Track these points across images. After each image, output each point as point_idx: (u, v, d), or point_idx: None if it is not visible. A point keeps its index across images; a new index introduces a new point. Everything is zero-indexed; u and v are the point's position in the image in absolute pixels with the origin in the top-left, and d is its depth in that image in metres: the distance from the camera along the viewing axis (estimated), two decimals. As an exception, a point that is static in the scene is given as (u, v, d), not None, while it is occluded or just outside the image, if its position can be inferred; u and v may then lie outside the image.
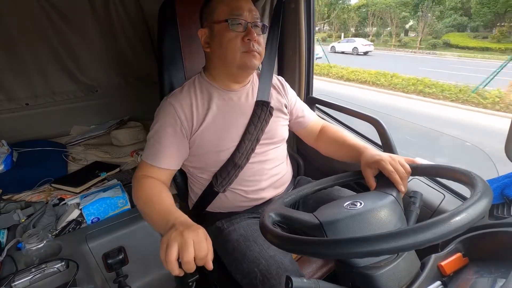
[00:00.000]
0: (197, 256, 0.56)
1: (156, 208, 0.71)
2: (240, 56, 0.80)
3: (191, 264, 0.55)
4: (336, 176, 0.77)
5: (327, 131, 1.01)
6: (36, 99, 1.65)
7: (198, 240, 0.57)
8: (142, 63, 1.87)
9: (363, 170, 0.76)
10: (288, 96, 1.00)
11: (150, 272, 1.19)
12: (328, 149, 0.99)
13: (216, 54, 0.83)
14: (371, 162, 0.74)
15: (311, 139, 1.06)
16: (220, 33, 0.80)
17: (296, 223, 0.58)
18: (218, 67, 0.86)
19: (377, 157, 0.73)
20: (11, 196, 1.17)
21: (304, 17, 1.23)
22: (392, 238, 0.40)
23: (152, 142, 0.82)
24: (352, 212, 0.56)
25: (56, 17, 1.56)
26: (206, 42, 0.85)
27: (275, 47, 1.04)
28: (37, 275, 0.87)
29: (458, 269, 0.55)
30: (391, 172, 0.68)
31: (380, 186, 0.69)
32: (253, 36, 0.79)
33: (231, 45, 0.79)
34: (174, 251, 0.55)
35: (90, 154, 1.57)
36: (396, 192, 0.64)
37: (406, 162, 0.71)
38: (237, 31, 0.79)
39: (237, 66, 0.82)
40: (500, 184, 0.68)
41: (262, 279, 0.69)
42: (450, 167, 0.62)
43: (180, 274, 0.56)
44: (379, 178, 0.72)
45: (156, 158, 0.80)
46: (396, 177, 0.67)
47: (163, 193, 0.75)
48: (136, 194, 0.77)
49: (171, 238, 0.56)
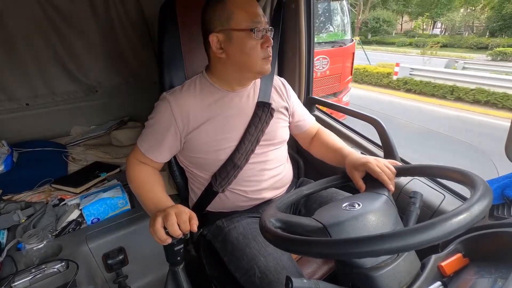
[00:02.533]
0: (179, 220, 0.66)
1: (149, 195, 0.81)
2: (261, 62, 0.81)
3: (174, 226, 0.65)
4: (325, 180, 0.80)
5: (320, 135, 1.04)
6: (36, 99, 1.65)
7: (178, 210, 0.68)
8: (142, 63, 1.87)
9: (350, 173, 0.80)
10: (290, 99, 1.00)
11: (150, 272, 1.19)
12: (318, 152, 1.03)
13: (234, 60, 0.81)
14: (358, 165, 0.77)
15: (305, 142, 1.09)
16: (242, 41, 0.78)
17: (297, 228, 0.59)
18: (231, 72, 0.85)
19: (363, 159, 0.77)
20: (11, 197, 1.17)
21: (304, 17, 1.23)
22: (393, 238, 0.40)
23: (147, 133, 0.86)
24: (354, 213, 0.56)
25: (56, 17, 1.56)
26: (219, 47, 0.81)
27: (276, 48, 1.05)
28: (37, 276, 0.87)
29: (458, 269, 0.55)
30: (380, 173, 0.72)
31: (370, 187, 0.72)
32: (270, 42, 0.80)
33: (253, 52, 0.79)
34: (159, 220, 0.66)
35: (90, 155, 1.57)
36: (387, 192, 0.67)
37: (389, 164, 0.75)
38: (258, 39, 0.79)
39: (256, 72, 0.83)
40: (500, 184, 0.68)
41: (261, 276, 0.70)
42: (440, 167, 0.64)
43: (168, 241, 0.67)
44: (367, 180, 0.75)
45: (150, 151, 0.86)
46: (384, 178, 0.71)
47: (155, 181, 0.85)
48: (130, 176, 0.86)
49: (156, 214, 0.68)
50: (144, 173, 0.86)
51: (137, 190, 0.84)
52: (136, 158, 0.88)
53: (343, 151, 0.90)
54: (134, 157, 0.88)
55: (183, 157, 0.93)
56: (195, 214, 0.70)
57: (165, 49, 0.98)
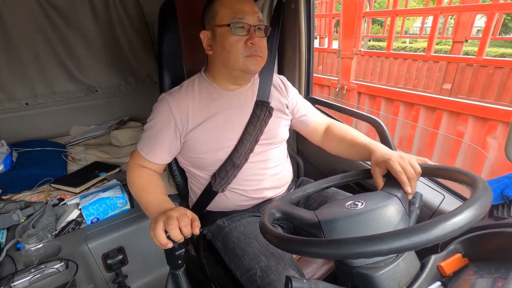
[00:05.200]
0: (180, 224, 0.64)
1: (149, 197, 0.80)
2: (243, 60, 0.79)
3: (176, 231, 0.63)
4: (343, 175, 0.75)
5: (334, 129, 0.98)
6: (36, 99, 1.65)
7: (180, 213, 0.66)
8: (142, 63, 1.87)
9: (372, 169, 0.74)
10: (290, 96, 1.00)
11: (150, 272, 1.19)
12: (336, 148, 0.97)
13: (219, 57, 0.83)
14: (380, 161, 0.71)
15: (316, 138, 1.03)
16: (223, 37, 0.79)
17: (296, 220, 0.59)
18: (220, 70, 0.86)
19: (386, 156, 0.71)
20: (11, 196, 1.17)
21: (304, 17, 1.23)
22: (392, 239, 0.40)
23: (147, 136, 0.86)
24: (352, 212, 0.55)
25: (56, 17, 1.56)
26: (208, 44, 0.84)
27: (275, 47, 1.04)
28: (37, 276, 0.87)
29: (458, 269, 0.55)
30: (399, 172, 0.65)
31: (386, 186, 0.67)
32: (256, 40, 0.78)
33: (233, 49, 0.78)
34: (160, 224, 0.64)
35: (89, 154, 1.57)
36: (402, 193, 0.61)
37: (417, 162, 0.68)
38: (239, 35, 0.78)
39: (239, 69, 0.82)
40: (500, 184, 0.68)
41: (262, 275, 0.70)
42: (441, 167, 0.63)
43: (169, 245, 0.65)
44: (387, 178, 0.69)
45: (149, 153, 0.85)
46: (403, 177, 0.64)
47: (156, 183, 0.84)
48: (130, 181, 0.85)
49: (157, 217, 0.67)
50: (145, 176, 0.85)
51: (138, 193, 0.83)
52: (136, 162, 0.87)
53: (369, 146, 0.82)
54: (135, 162, 0.88)
55: (183, 157, 0.93)
56: (197, 216, 0.69)
57: (165, 49, 0.98)
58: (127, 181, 0.86)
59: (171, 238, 0.64)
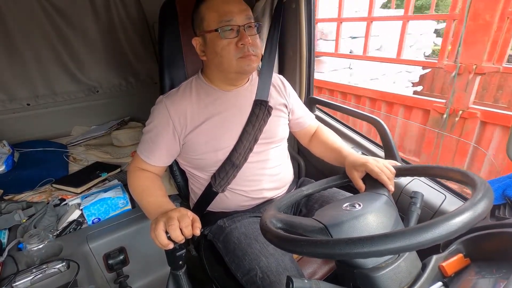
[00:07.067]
0: (181, 225, 0.64)
1: (150, 199, 0.80)
2: (236, 62, 0.78)
3: (176, 231, 0.63)
4: (326, 180, 0.80)
5: (319, 133, 1.04)
6: (37, 99, 1.66)
7: (180, 214, 0.66)
8: (143, 63, 1.87)
9: (349, 173, 0.79)
10: (289, 96, 1.00)
11: (151, 272, 1.19)
12: (318, 151, 1.03)
13: (212, 62, 0.82)
14: (358, 165, 0.77)
15: (305, 140, 1.08)
16: (213, 42, 0.78)
17: (299, 229, 0.58)
18: (216, 73, 0.86)
19: (363, 160, 0.77)
20: (12, 197, 1.17)
21: (304, 17, 1.23)
22: (394, 238, 0.40)
23: (146, 139, 0.86)
24: (355, 214, 0.56)
25: (57, 17, 1.56)
26: (201, 50, 0.84)
27: (275, 47, 1.04)
28: (38, 276, 0.87)
29: (459, 270, 0.55)
30: (379, 173, 0.71)
31: (370, 188, 0.72)
32: (247, 40, 0.76)
33: (225, 53, 0.77)
34: (161, 225, 0.64)
35: (91, 155, 1.58)
36: (387, 192, 0.67)
37: (389, 164, 0.75)
38: (229, 38, 0.77)
39: (234, 72, 0.81)
40: (502, 184, 0.68)
41: (262, 276, 0.70)
42: (441, 167, 0.64)
43: (170, 246, 0.65)
44: (367, 180, 0.75)
45: (149, 156, 0.86)
46: (384, 178, 0.70)
47: (156, 186, 0.84)
48: (131, 184, 0.85)
49: (158, 218, 0.67)
50: (145, 179, 0.85)
51: (139, 196, 0.83)
52: (136, 166, 0.88)
53: (342, 151, 0.89)
54: (135, 166, 0.88)
55: (182, 159, 0.93)
56: (198, 217, 0.69)
57: (165, 49, 0.98)
58: (128, 185, 0.86)
59: (172, 239, 0.64)
